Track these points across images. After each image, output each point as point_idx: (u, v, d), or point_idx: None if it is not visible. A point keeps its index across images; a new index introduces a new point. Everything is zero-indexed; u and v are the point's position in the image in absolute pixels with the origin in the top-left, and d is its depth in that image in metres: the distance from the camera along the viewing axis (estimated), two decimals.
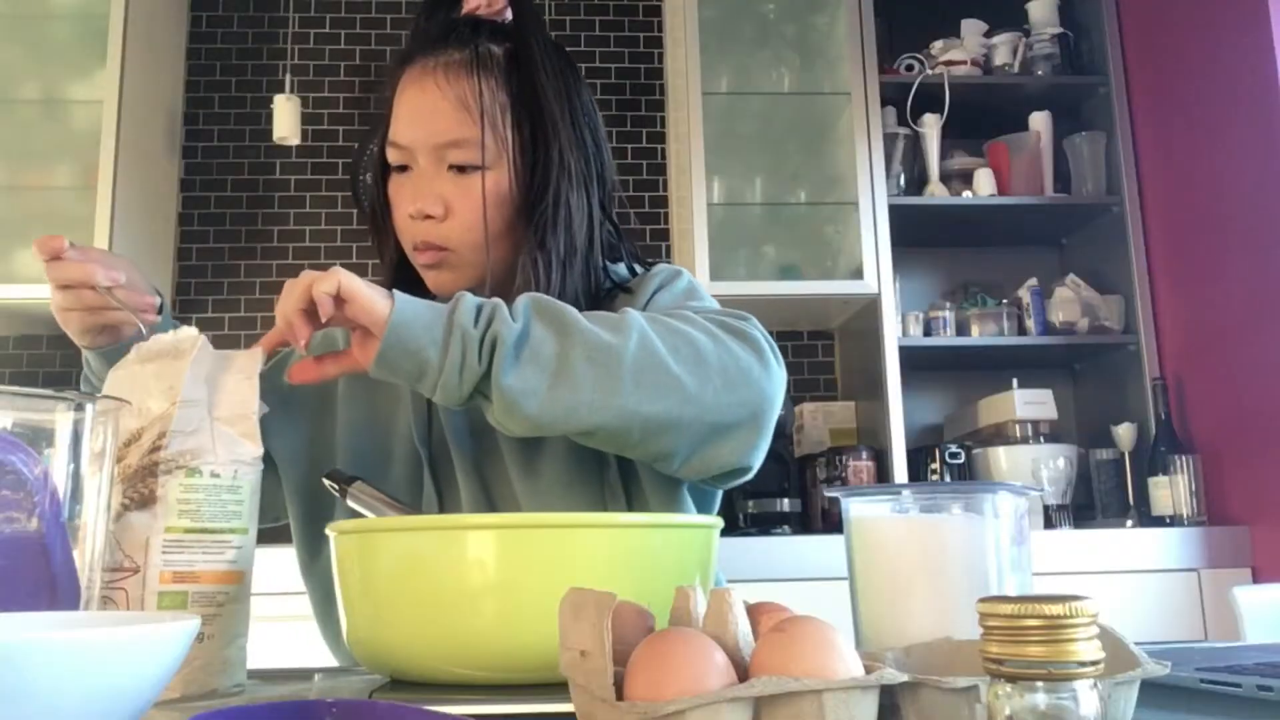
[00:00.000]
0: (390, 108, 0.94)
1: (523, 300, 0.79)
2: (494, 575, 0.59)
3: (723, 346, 0.81)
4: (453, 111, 0.90)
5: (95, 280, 0.81)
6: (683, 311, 0.85)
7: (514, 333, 0.75)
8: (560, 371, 0.76)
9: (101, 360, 0.88)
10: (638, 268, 1.02)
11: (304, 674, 0.77)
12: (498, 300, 0.78)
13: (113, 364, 0.77)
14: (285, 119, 2.60)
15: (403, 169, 0.94)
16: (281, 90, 2.67)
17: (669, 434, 0.79)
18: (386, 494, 0.83)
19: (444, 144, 0.91)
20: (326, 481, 0.86)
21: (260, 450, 0.71)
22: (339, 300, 0.74)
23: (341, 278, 0.74)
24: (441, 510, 0.93)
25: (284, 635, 1.73)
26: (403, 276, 0.98)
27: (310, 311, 0.75)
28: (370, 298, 0.74)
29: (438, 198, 0.91)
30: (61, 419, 0.57)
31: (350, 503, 0.82)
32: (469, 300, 0.77)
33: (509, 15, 0.97)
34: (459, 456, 0.94)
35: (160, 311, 0.87)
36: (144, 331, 0.83)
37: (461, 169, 0.91)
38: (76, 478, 0.57)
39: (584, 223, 0.95)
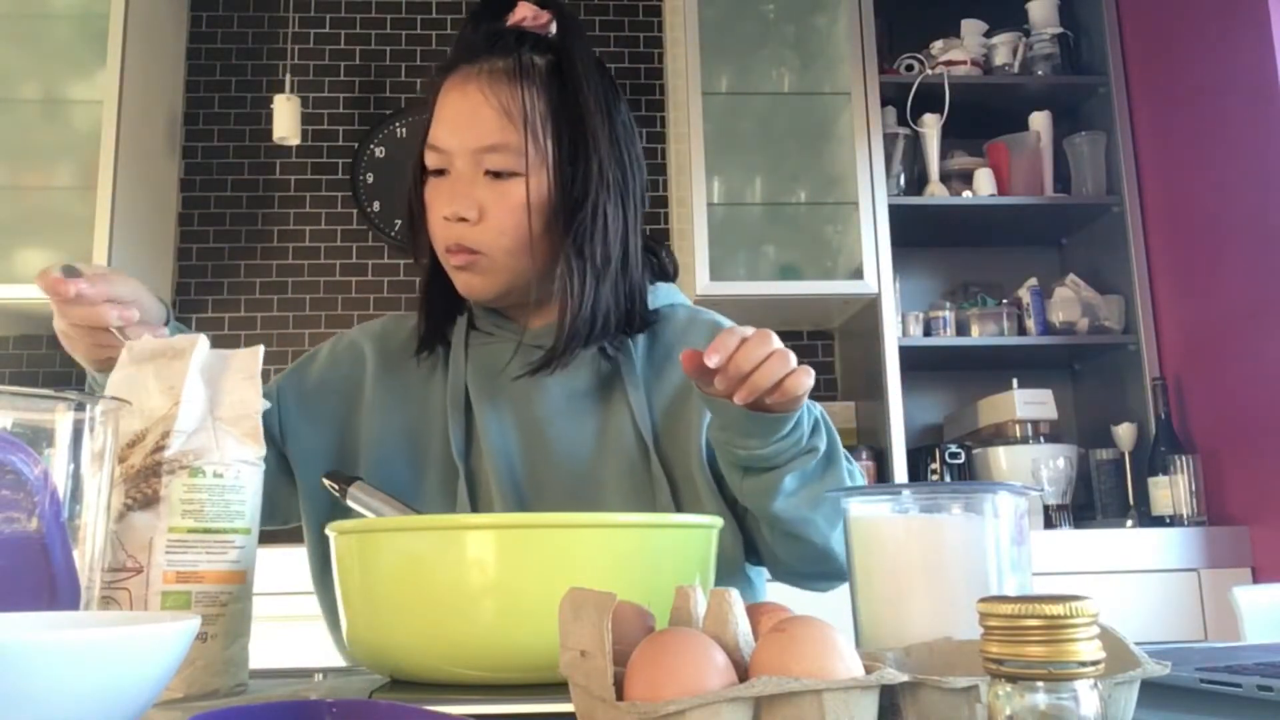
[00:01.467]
0: (431, 112, 0.95)
1: (822, 422, 0.89)
2: (494, 575, 0.59)
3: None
4: (494, 117, 0.92)
5: (108, 323, 0.80)
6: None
7: (815, 463, 0.87)
8: (804, 500, 0.87)
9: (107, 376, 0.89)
10: (681, 297, 1.07)
11: (304, 674, 0.77)
12: (818, 420, 0.87)
13: None
14: (285, 119, 2.60)
15: (440, 173, 0.94)
16: (281, 90, 2.67)
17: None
18: (386, 494, 0.83)
19: (483, 148, 0.92)
20: (326, 481, 0.86)
21: (263, 450, 0.71)
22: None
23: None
24: (474, 492, 0.94)
25: (285, 635, 1.73)
26: (436, 280, 1.00)
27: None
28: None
29: (473, 201, 0.92)
30: (61, 419, 0.57)
31: (350, 503, 0.82)
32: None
33: (553, 29, 0.99)
34: (498, 475, 0.94)
35: (167, 324, 0.87)
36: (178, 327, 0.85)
37: (498, 174, 0.92)
38: (76, 478, 0.57)
39: (619, 236, 0.97)
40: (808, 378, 0.78)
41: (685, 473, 0.96)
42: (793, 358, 0.77)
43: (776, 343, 0.77)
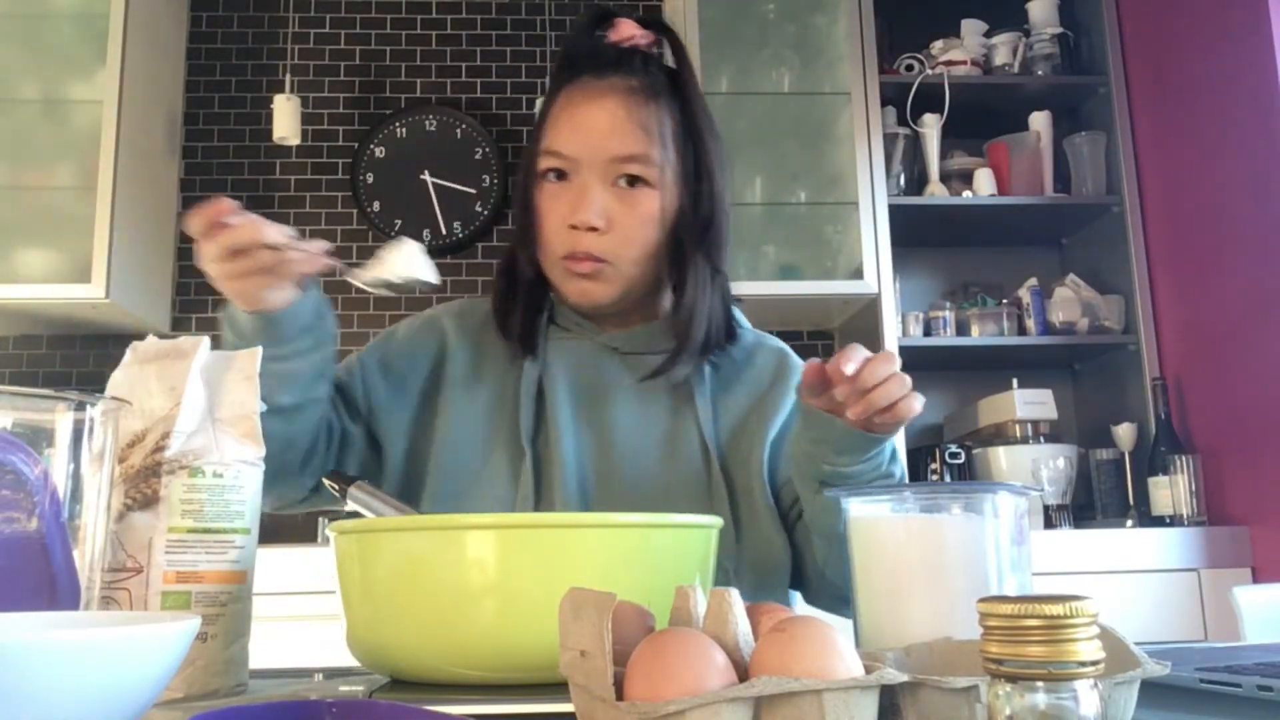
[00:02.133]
0: (543, 120, 0.98)
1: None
2: (494, 575, 0.59)
3: None
4: (633, 129, 0.94)
5: (268, 239, 0.81)
6: None
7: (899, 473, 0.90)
8: None
9: (259, 327, 0.89)
10: (743, 318, 1.10)
11: (304, 674, 0.77)
12: (894, 448, 0.88)
13: (272, 334, 0.85)
14: (285, 119, 2.60)
15: (559, 178, 0.96)
16: (281, 90, 2.67)
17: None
18: (386, 494, 0.83)
19: (619, 158, 0.94)
20: (326, 481, 0.86)
21: (262, 450, 0.71)
22: None
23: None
24: (538, 505, 0.95)
25: (285, 635, 1.73)
26: (507, 282, 1.03)
27: None
28: None
29: (601, 210, 0.94)
30: (61, 419, 0.57)
31: (350, 503, 0.82)
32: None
33: (654, 50, 1.02)
34: (564, 466, 0.96)
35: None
36: (317, 282, 0.87)
37: (630, 184, 0.95)
38: (76, 478, 0.57)
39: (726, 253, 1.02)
40: (919, 404, 0.79)
41: (744, 486, 0.98)
42: (908, 382, 0.79)
43: (896, 364, 0.79)
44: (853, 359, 0.76)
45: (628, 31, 1.01)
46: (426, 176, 2.80)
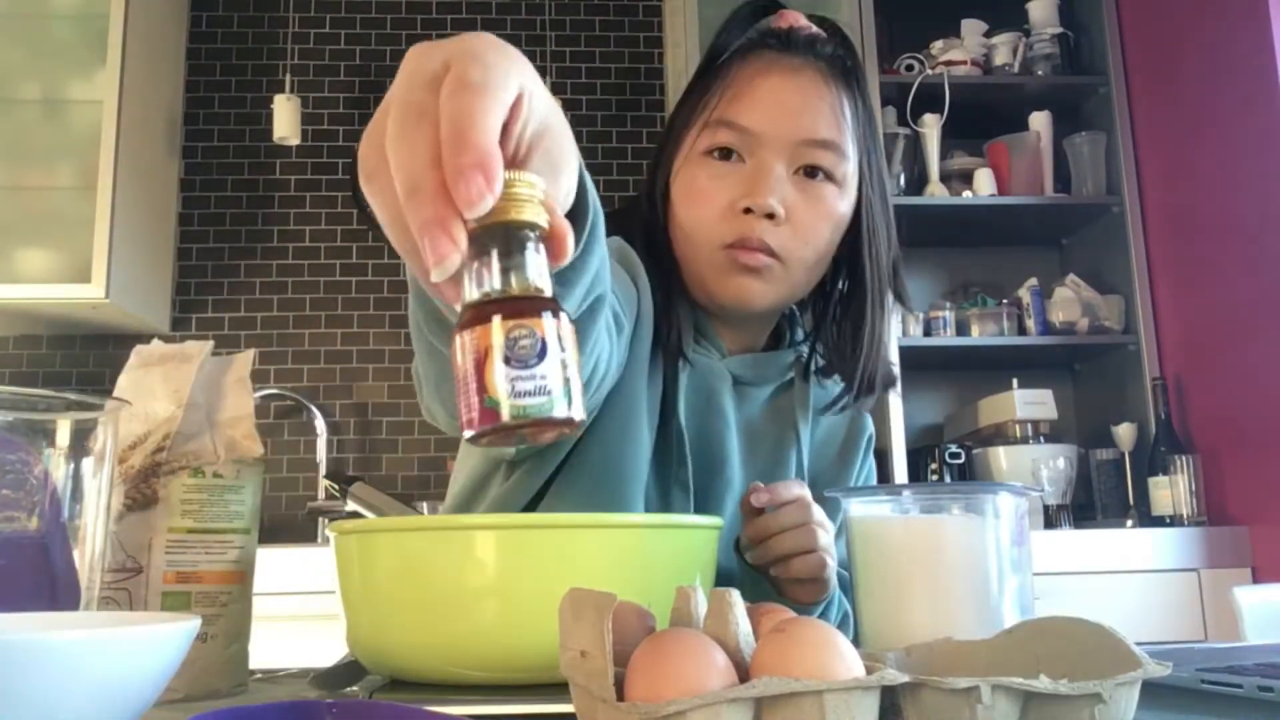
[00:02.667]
0: (716, 89, 0.85)
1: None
2: (494, 575, 0.59)
3: None
4: (828, 113, 0.83)
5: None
6: None
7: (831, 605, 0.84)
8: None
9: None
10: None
11: (304, 674, 0.77)
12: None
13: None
14: (285, 119, 2.60)
15: (725, 156, 0.84)
16: (281, 90, 2.67)
17: None
18: (386, 494, 0.83)
19: (810, 140, 0.83)
20: (327, 481, 0.86)
21: (260, 451, 0.71)
22: None
23: None
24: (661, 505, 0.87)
25: (285, 635, 1.73)
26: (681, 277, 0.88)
27: None
28: None
29: (782, 198, 0.82)
30: (61, 419, 0.57)
31: (350, 503, 0.82)
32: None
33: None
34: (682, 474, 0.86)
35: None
36: None
37: (812, 174, 0.84)
38: (76, 478, 0.57)
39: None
40: (818, 567, 0.74)
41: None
42: (818, 537, 0.74)
43: (812, 515, 0.74)
44: (769, 494, 0.71)
45: (801, 21, 0.89)
46: None
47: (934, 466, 2.48)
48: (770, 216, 0.81)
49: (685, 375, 0.87)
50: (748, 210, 0.81)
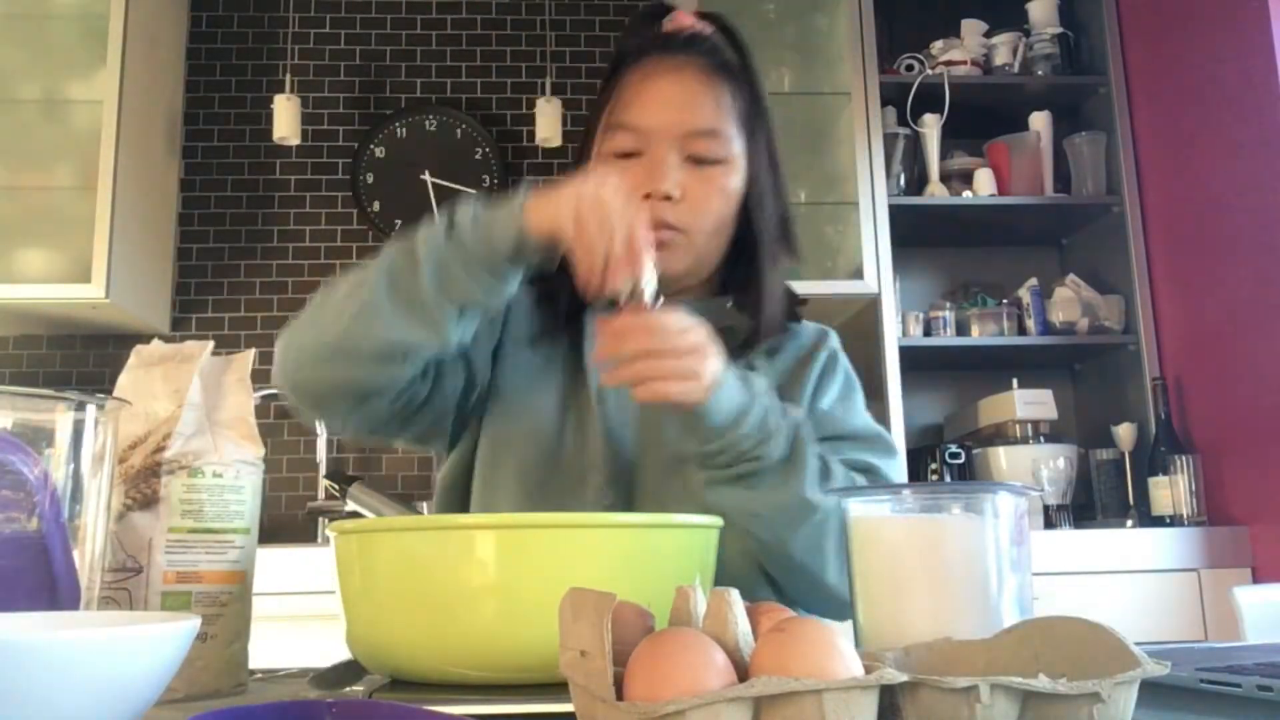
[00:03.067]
0: (609, 98, 0.97)
1: (782, 433, 0.85)
2: (494, 575, 0.59)
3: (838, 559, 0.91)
4: (710, 104, 0.95)
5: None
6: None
7: (764, 470, 0.84)
8: (760, 508, 0.85)
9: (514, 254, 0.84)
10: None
11: (304, 674, 0.77)
12: (773, 430, 0.84)
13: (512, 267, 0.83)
14: (285, 119, 2.60)
15: (627, 156, 0.96)
16: (281, 90, 2.67)
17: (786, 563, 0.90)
18: (386, 494, 0.83)
19: (696, 132, 0.94)
20: (326, 481, 0.86)
21: (260, 451, 0.71)
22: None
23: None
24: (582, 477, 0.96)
25: (285, 635, 1.73)
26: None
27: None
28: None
29: (677, 181, 0.94)
30: (61, 419, 0.57)
31: (350, 502, 0.83)
32: (755, 412, 0.83)
33: (704, 32, 1.02)
34: (607, 448, 0.96)
35: None
36: None
37: (700, 161, 0.95)
38: (76, 478, 0.57)
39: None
40: (679, 390, 0.78)
41: None
42: (673, 367, 0.78)
43: (667, 340, 0.78)
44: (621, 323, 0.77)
45: (686, 22, 1.01)
46: (426, 176, 2.80)
47: (934, 466, 2.48)
48: (668, 198, 0.94)
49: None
50: (648, 196, 0.94)
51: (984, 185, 2.57)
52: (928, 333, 2.52)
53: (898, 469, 0.99)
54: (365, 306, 0.84)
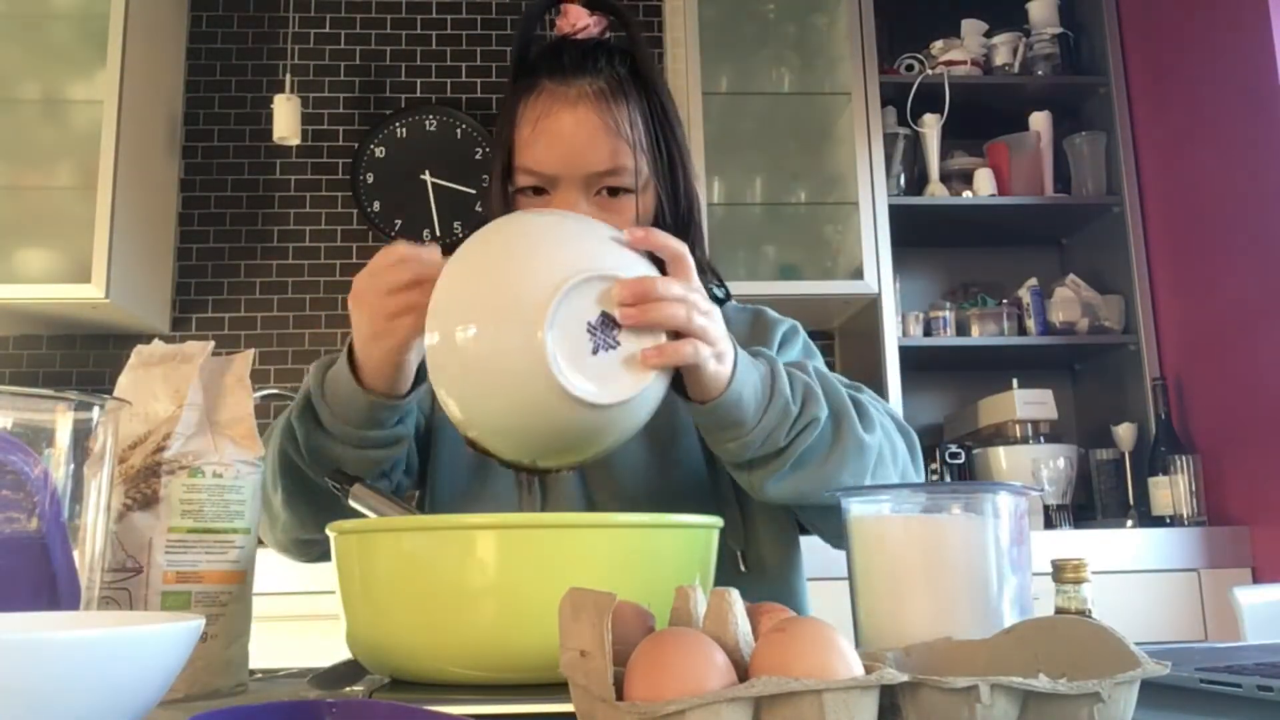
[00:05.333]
0: (512, 130, 0.94)
1: (816, 385, 0.81)
2: (494, 575, 0.59)
3: (916, 464, 0.91)
4: (609, 141, 0.92)
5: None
6: (883, 413, 0.89)
7: (821, 432, 0.80)
8: (826, 474, 0.81)
9: (375, 409, 0.81)
10: (717, 290, 1.07)
11: (304, 674, 0.77)
12: (810, 385, 0.80)
13: (385, 418, 0.80)
14: (285, 119, 2.60)
15: (537, 191, 0.94)
16: (281, 90, 2.67)
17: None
18: (387, 494, 0.83)
19: (600, 172, 0.92)
20: (328, 481, 0.86)
21: (260, 451, 0.71)
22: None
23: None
24: (544, 507, 0.95)
25: (285, 635, 1.73)
26: None
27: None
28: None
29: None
30: (61, 419, 0.57)
31: (351, 502, 0.82)
32: (784, 376, 0.79)
33: (607, 35, 1.00)
34: (570, 480, 0.96)
35: None
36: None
37: (613, 193, 0.93)
38: (77, 478, 0.57)
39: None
40: (690, 354, 0.71)
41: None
42: (694, 320, 0.71)
43: (694, 288, 0.72)
44: (644, 234, 0.73)
45: (578, 19, 0.98)
46: (426, 176, 2.80)
47: (934, 466, 2.48)
48: None
49: None
50: None
51: (984, 185, 2.57)
52: (928, 333, 2.52)
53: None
54: (291, 496, 0.88)
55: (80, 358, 2.68)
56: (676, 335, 0.71)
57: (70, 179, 2.49)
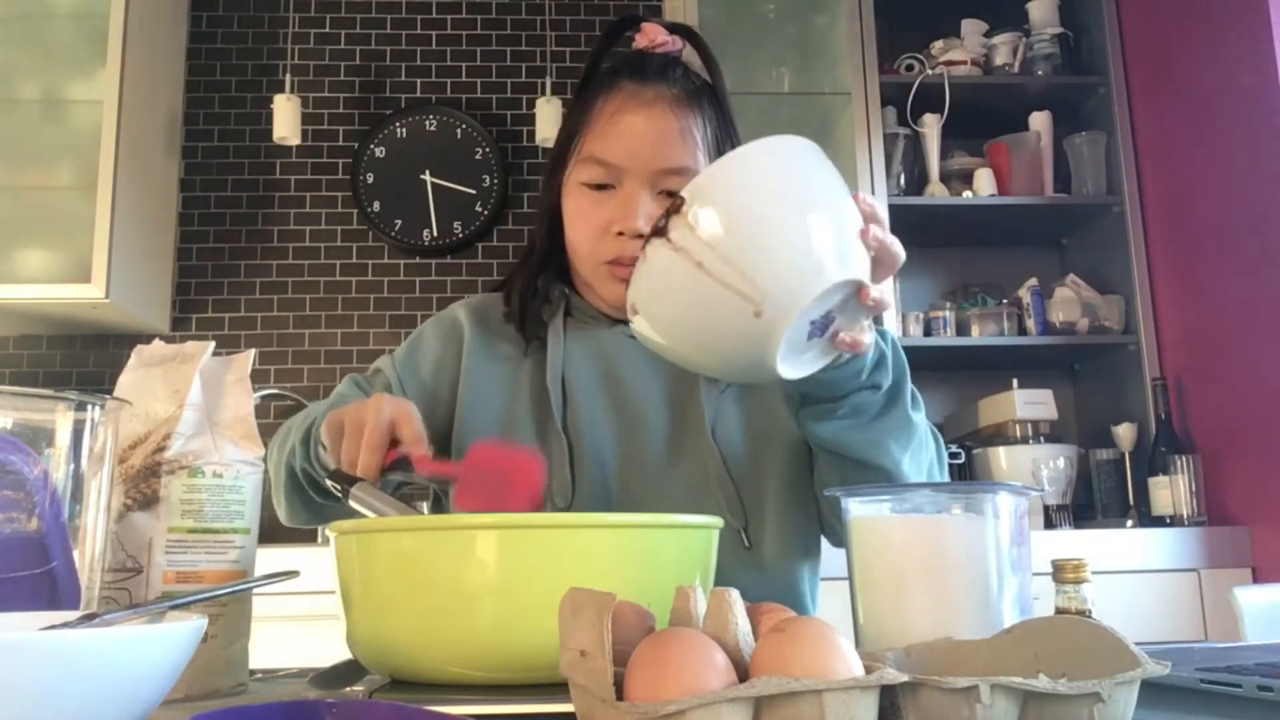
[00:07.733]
0: (583, 124, 0.99)
1: (889, 353, 0.86)
2: (494, 575, 0.59)
3: (942, 465, 0.98)
4: (680, 142, 0.96)
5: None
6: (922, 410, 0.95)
7: (878, 396, 0.85)
8: (872, 435, 0.87)
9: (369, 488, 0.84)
10: None
11: (304, 674, 0.77)
12: (884, 353, 0.85)
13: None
14: (285, 119, 2.60)
15: (599, 186, 0.98)
16: (281, 90, 2.67)
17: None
18: (387, 494, 0.83)
19: (666, 170, 0.96)
20: (329, 482, 0.86)
21: (261, 451, 0.71)
22: None
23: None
24: (575, 489, 0.98)
25: (285, 635, 1.73)
26: (527, 278, 1.05)
27: None
28: None
29: (649, 217, 0.95)
30: (61, 419, 0.57)
31: (352, 503, 0.82)
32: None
33: (674, 49, 1.04)
34: (589, 450, 0.99)
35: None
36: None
37: (672, 194, 0.94)
38: (76, 478, 0.57)
39: None
40: (869, 339, 0.77)
41: (765, 451, 1.00)
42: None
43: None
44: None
45: (656, 35, 1.03)
46: (426, 176, 2.80)
47: None
48: (639, 236, 0.95)
49: (576, 345, 1.04)
50: (620, 233, 0.96)
51: (984, 185, 2.57)
52: (928, 333, 2.51)
53: None
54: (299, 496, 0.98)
55: (80, 358, 2.68)
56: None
57: (70, 179, 2.49)
